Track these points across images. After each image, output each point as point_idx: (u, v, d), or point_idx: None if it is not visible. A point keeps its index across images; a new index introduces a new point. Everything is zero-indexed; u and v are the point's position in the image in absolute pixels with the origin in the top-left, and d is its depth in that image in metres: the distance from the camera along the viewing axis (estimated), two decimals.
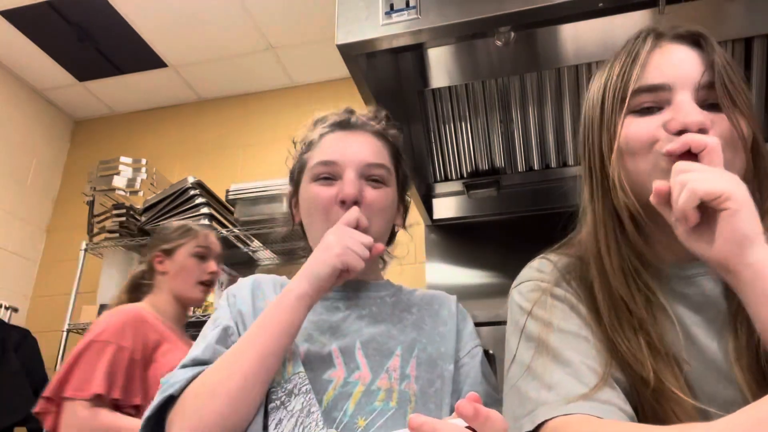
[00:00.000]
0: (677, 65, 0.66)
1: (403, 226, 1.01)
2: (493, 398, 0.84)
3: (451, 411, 0.81)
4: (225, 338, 0.81)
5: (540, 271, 0.77)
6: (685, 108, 0.63)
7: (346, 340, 0.81)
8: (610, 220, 0.69)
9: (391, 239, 0.99)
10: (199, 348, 0.80)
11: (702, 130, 0.61)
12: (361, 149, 0.87)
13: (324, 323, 0.84)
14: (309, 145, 0.92)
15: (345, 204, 0.82)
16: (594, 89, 0.73)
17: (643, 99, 0.66)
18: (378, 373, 0.78)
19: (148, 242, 2.02)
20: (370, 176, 0.86)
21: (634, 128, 0.66)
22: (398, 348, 0.82)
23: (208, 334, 0.83)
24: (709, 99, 0.64)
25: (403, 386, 0.78)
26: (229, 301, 0.89)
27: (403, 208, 0.98)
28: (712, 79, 0.63)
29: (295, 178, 0.94)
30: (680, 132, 0.62)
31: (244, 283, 0.91)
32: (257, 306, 0.86)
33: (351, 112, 0.95)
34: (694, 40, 0.67)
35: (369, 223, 0.83)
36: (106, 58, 2.86)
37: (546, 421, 0.59)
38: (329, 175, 0.86)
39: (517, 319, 0.71)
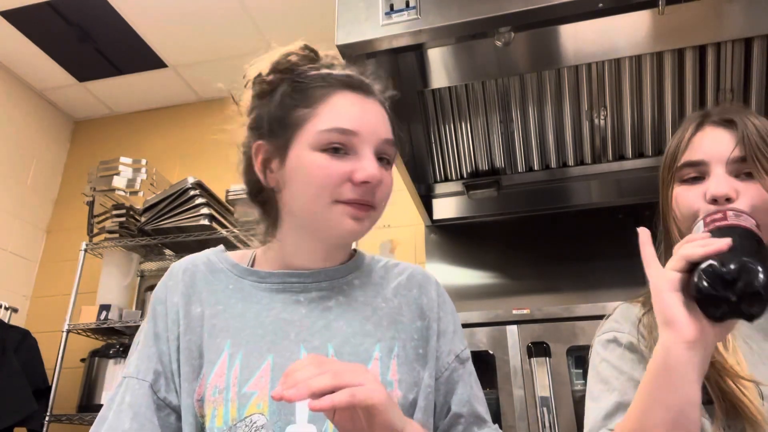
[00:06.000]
0: (712, 145, 0.82)
1: None
2: (476, 414, 0.76)
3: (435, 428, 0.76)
4: (150, 403, 0.71)
5: (617, 321, 0.86)
6: (715, 180, 0.79)
7: (315, 344, 0.71)
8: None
9: None
10: (125, 417, 0.70)
11: (729, 199, 0.76)
12: (379, 122, 0.75)
13: (286, 324, 0.73)
14: (306, 96, 0.75)
15: (367, 185, 0.71)
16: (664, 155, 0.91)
17: (687, 171, 0.83)
18: None
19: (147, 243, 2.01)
20: (382, 154, 0.74)
21: (681, 197, 0.82)
22: (376, 349, 0.72)
23: (134, 388, 0.71)
24: (744, 169, 0.79)
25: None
26: (156, 311, 0.76)
27: None
28: (743, 153, 0.78)
29: (276, 132, 0.75)
30: (713, 200, 0.77)
31: (176, 280, 0.78)
32: (193, 315, 0.75)
33: (361, 69, 0.79)
34: (730, 123, 0.83)
35: (377, 205, 0.74)
36: (106, 59, 2.85)
37: None
38: (342, 147, 0.71)
39: (596, 364, 0.82)
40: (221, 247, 0.85)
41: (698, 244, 0.60)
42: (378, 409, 0.56)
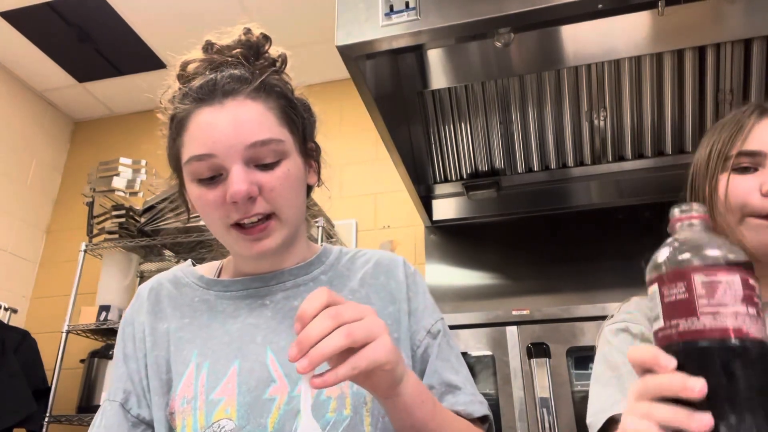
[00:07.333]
0: None
1: (318, 182, 0.81)
2: (446, 383, 0.74)
3: None
4: (123, 421, 0.73)
5: (629, 312, 0.85)
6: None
7: (281, 344, 0.70)
8: None
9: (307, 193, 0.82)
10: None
11: None
12: (239, 127, 0.67)
13: (252, 328, 0.72)
14: (175, 123, 0.73)
15: (242, 203, 0.67)
16: (701, 150, 0.88)
17: (742, 160, 0.81)
18: None
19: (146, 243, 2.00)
20: (257, 161, 0.68)
21: (734, 185, 0.80)
22: None
23: (107, 409, 0.74)
24: None
25: (355, 388, 0.68)
26: (125, 333, 0.78)
27: (313, 162, 0.79)
28: None
29: (173, 166, 0.76)
30: None
31: (141, 301, 0.79)
32: (159, 332, 0.76)
33: (215, 67, 0.74)
34: None
35: (278, 210, 0.70)
36: (105, 59, 2.86)
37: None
38: (210, 173, 0.68)
39: (605, 351, 0.82)
40: (189, 261, 0.85)
41: (673, 412, 0.46)
42: (381, 368, 0.55)
